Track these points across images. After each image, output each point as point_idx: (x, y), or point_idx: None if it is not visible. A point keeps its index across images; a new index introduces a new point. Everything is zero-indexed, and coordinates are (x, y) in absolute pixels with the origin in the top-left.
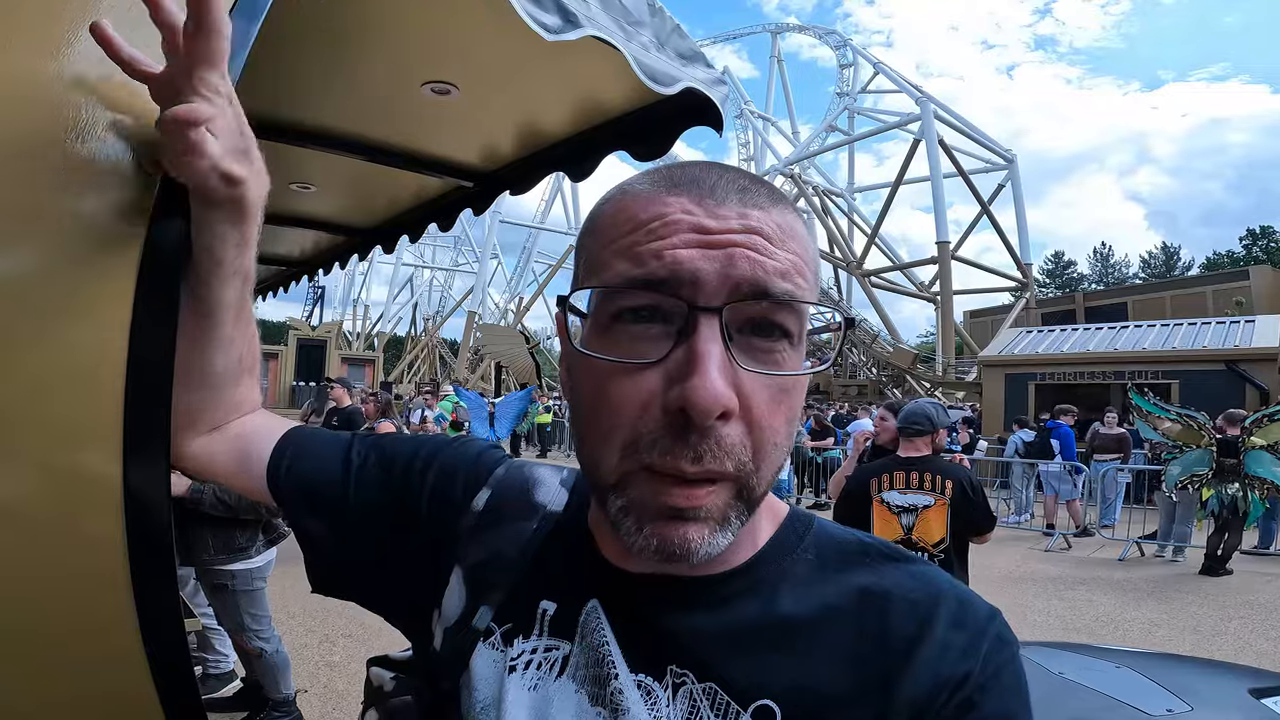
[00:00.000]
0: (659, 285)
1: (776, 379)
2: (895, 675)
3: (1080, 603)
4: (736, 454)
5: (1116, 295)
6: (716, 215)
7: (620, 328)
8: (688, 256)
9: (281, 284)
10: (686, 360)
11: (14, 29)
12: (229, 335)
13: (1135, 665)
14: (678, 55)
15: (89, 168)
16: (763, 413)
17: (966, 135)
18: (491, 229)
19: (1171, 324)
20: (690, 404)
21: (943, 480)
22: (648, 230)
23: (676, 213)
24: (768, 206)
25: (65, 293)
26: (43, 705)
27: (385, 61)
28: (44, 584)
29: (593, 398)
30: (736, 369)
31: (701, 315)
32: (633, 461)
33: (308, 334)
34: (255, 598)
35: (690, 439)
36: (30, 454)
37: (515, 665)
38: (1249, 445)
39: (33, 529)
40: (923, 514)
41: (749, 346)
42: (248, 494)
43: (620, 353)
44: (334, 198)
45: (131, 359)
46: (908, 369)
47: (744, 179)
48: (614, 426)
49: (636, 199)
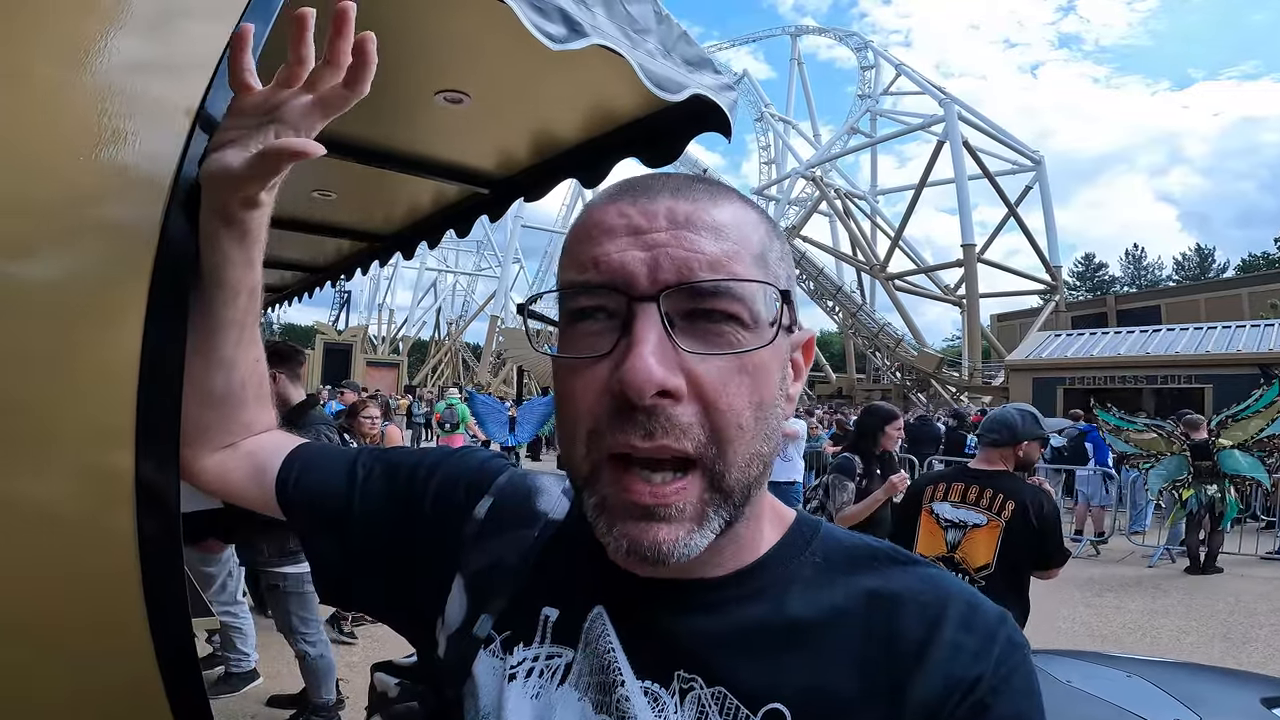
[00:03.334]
0: (597, 285)
1: (730, 359)
2: (905, 678)
3: (1108, 610)
4: (694, 434)
5: (1149, 298)
6: (647, 213)
7: (576, 328)
8: (619, 256)
9: (306, 290)
10: (626, 346)
11: (38, 37)
12: (230, 357)
13: (1146, 674)
14: (685, 62)
15: (111, 177)
16: (717, 393)
17: (992, 136)
18: (514, 233)
19: (1205, 327)
20: (625, 383)
21: (1004, 500)
22: (589, 237)
23: (613, 218)
24: (701, 201)
25: (86, 298)
26: (58, 699)
27: (398, 71)
28: (65, 581)
29: (561, 395)
30: (680, 353)
31: (638, 305)
32: (597, 451)
33: (334, 338)
34: (304, 600)
35: (637, 418)
36: (55, 455)
37: (515, 673)
38: (1219, 447)
39: (56, 527)
40: (971, 533)
41: (696, 332)
42: (260, 509)
43: (576, 350)
44: (354, 205)
45: (144, 362)
46: (933, 373)
47: (682, 179)
48: (576, 418)
49: (589, 211)
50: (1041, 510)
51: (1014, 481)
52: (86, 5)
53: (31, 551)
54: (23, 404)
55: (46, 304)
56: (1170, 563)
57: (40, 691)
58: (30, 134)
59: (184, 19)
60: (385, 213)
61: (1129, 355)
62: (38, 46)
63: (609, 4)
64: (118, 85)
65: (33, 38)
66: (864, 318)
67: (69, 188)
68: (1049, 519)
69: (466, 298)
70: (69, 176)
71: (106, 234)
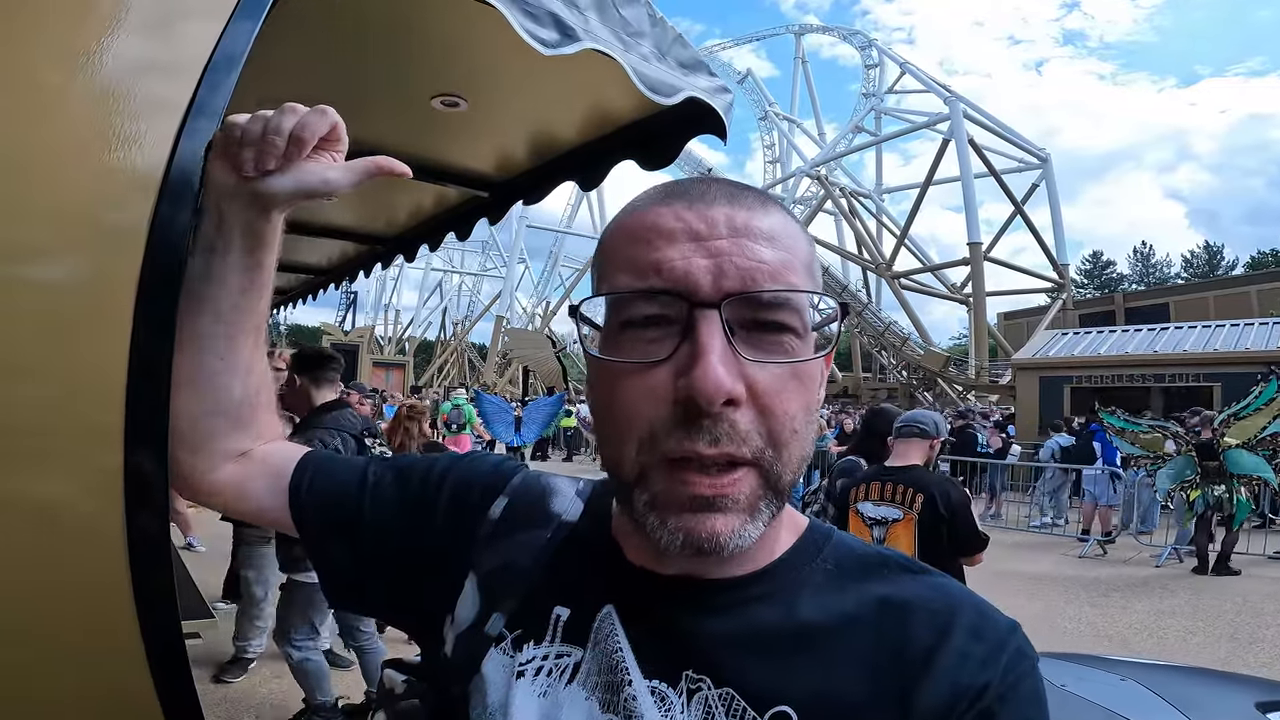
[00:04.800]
0: (658, 291)
1: (785, 368)
2: (913, 684)
3: (1114, 610)
4: (752, 440)
5: (1158, 296)
6: (707, 219)
7: (630, 333)
8: (682, 263)
9: (310, 292)
10: (690, 354)
11: (36, 39)
12: (248, 361)
13: (1140, 677)
14: (679, 65)
15: (103, 178)
16: (774, 400)
17: (998, 134)
18: (518, 234)
19: (1213, 325)
20: (695, 391)
21: (914, 494)
22: (646, 242)
23: (670, 222)
24: (756, 209)
25: (79, 302)
26: (50, 698)
27: (396, 75)
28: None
29: (609, 399)
30: (741, 360)
31: (701, 312)
32: (651, 454)
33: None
34: (298, 609)
35: (703, 424)
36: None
37: (524, 671)
38: (1224, 446)
39: (49, 527)
40: (892, 528)
41: (754, 341)
42: (270, 523)
43: (630, 355)
44: (356, 208)
45: (132, 365)
46: (939, 372)
47: (733, 187)
48: (630, 423)
49: (635, 213)
50: (949, 499)
51: (923, 474)
52: (82, 7)
53: (24, 552)
54: (14, 403)
55: (40, 303)
56: (1178, 563)
57: (33, 690)
58: (24, 135)
59: (176, 20)
60: (387, 216)
61: (1137, 354)
62: (34, 48)
63: (602, 8)
64: (112, 86)
65: (29, 39)
66: (870, 316)
67: (62, 188)
68: (957, 506)
69: (472, 298)
70: (63, 177)
71: (98, 234)
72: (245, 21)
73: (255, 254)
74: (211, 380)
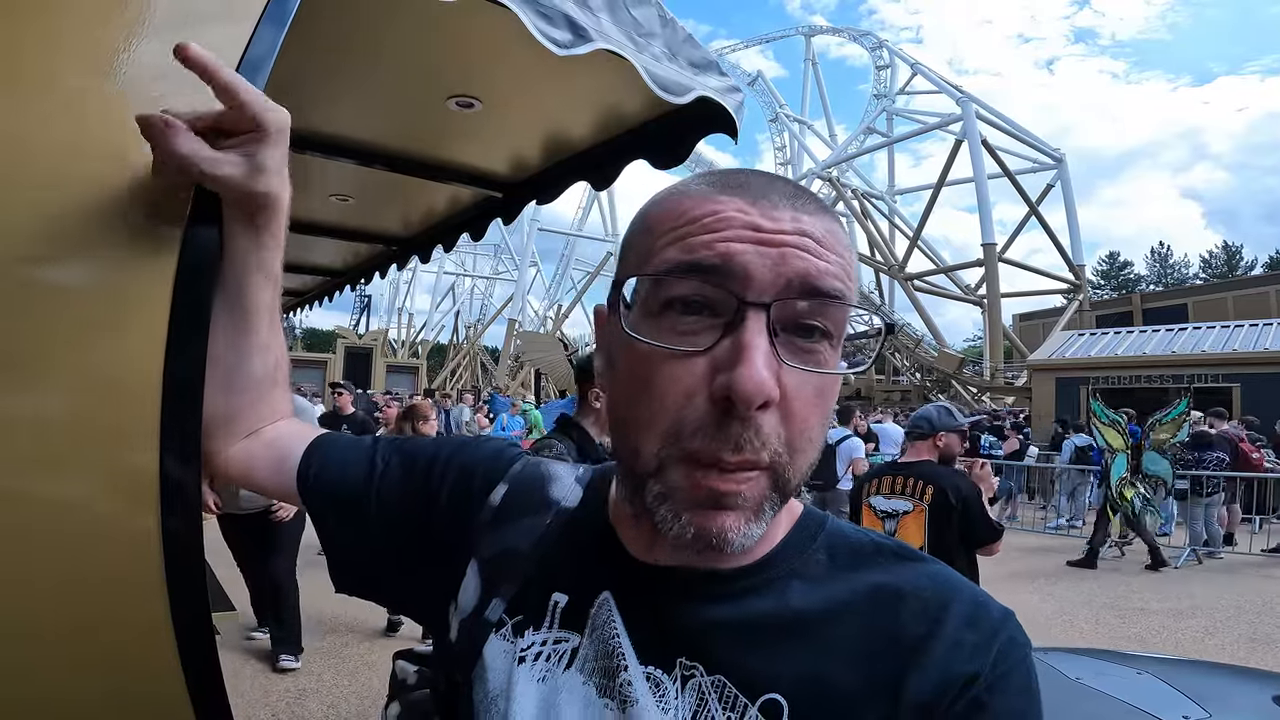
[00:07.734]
0: (709, 271)
1: (816, 377)
2: (904, 672)
3: (1131, 611)
4: (772, 444)
5: (1176, 296)
6: (771, 216)
7: (669, 316)
8: (740, 250)
9: (326, 294)
10: (733, 350)
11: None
12: (265, 341)
13: (1158, 671)
14: (690, 64)
15: (132, 183)
16: (800, 408)
17: (1011, 135)
18: (530, 237)
19: (1232, 325)
20: (736, 392)
21: (924, 485)
22: (701, 224)
23: (730, 210)
24: (816, 212)
25: (110, 302)
26: (85, 698)
27: (411, 77)
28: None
29: (636, 384)
30: (780, 364)
31: (750, 309)
32: (674, 448)
33: (355, 342)
34: None
35: (733, 428)
36: (82, 457)
37: (525, 656)
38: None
39: (83, 529)
40: (902, 520)
41: (792, 345)
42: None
43: (668, 340)
44: (371, 209)
45: (168, 364)
46: (953, 374)
47: (793, 186)
48: (657, 412)
49: (690, 197)
50: (959, 490)
51: (933, 468)
52: (108, 11)
53: (55, 553)
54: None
55: (72, 306)
56: (1197, 564)
57: (67, 691)
58: (63, 137)
59: (203, 24)
60: (402, 217)
61: (1154, 355)
62: (61, 53)
63: (614, 8)
64: (140, 91)
65: (56, 44)
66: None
67: (102, 190)
68: (968, 496)
69: (484, 301)
70: (102, 179)
71: (131, 237)
72: (271, 26)
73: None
74: (227, 362)
